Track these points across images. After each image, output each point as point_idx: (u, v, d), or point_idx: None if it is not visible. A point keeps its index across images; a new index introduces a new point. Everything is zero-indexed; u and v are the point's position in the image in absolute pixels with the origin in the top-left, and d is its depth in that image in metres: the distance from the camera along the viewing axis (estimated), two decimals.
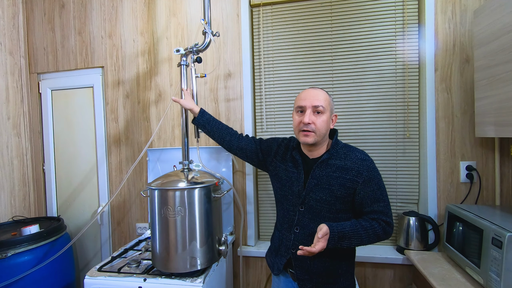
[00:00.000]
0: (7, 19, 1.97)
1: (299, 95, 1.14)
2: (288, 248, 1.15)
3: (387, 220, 1.06)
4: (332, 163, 1.10)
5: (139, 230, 1.92)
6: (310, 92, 1.11)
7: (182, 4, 1.83)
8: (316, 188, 1.10)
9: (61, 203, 2.10)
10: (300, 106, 1.10)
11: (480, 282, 1.09)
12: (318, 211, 1.09)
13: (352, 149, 1.13)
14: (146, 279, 1.23)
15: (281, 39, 1.76)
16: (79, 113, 2.04)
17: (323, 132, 1.09)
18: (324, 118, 1.08)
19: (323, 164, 1.11)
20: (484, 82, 1.27)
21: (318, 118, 1.08)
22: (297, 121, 1.11)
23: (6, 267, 1.45)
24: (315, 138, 1.08)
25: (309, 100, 1.08)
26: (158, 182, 1.30)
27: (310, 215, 1.11)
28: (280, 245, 1.20)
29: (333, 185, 1.08)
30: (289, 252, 1.15)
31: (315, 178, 1.10)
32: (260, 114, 1.81)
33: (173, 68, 1.85)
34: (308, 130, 1.07)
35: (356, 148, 1.14)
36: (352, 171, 1.07)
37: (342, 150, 1.13)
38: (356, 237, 1.03)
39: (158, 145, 1.88)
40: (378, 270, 1.62)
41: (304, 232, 1.12)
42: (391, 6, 1.62)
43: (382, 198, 1.08)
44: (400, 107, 1.63)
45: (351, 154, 1.11)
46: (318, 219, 1.09)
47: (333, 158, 1.11)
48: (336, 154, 1.12)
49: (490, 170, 1.48)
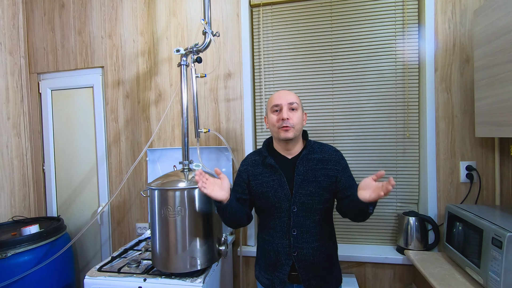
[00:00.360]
0: (7, 19, 1.97)
1: (272, 97, 1.20)
2: (289, 254, 1.13)
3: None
4: (312, 157, 1.18)
5: (139, 230, 1.92)
6: (282, 92, 1.19)
7: (182, 4, 1.83)
8: (303, 183, 1.14)
9: (61, 203, 2.10)
10: (276, 104, 1.15)
11: (480, 282, 1.09)
12: (310, 205, 1.14)
13: (322, 143, 1.24)
14: (146, 279, 1.23)
15: (281, 39, 1.76)
16: (79, 113, 2.04)
17: (299, 127, 1.16)
18: (299, 114, 1.16)
19: (304, 160, 1.17)
20: (484, 82, 1.27)
21: (294, 114, 1.14)
22: (274, 119, 1.16)
23: (6, 267, 1.45)
24: (294, 133, 1.14)
25: (284, 98, 1.15)
26: (158, 182, 1.29)
27: (304, 212, 1.14)
28: (277, 257, 1.16)
29: (319, 177, 1.14)
30: (290, 257, 1.13)
31: (300, 174, 1.15)
32: (260, 114, 1.81)
33: (173, 68, 1.85)
34: (287, 125, 1.12)
35: (324, 143, 1.25)
36: (331, 161, 1.17)
37: (316, 145, 1.22)
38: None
39: (158, 145, 1.88)
40: (378, 270, 1.62)
41: (302, 231, 1.13)
42: (391, 6, 1.62)
43: (354, 183, 1.17)
44: (400, 107, 1.63)
45: (324, 147, 1.21)
46: (311, 214, 1.14)
47: (311, 153, 1.19)
48: (312, 149, 1.20)
49: (490, 170, 1.48)
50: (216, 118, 1.80)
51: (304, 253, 1.12)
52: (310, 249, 1.13)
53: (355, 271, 1.64)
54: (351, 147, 1.68)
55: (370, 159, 1.66)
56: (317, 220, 1.14)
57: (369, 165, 1.67)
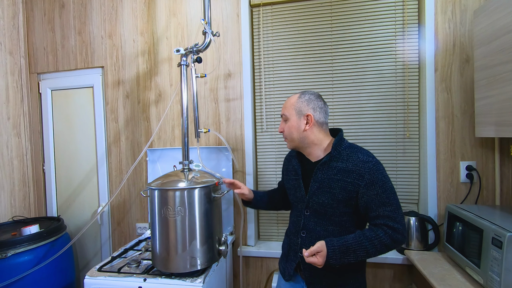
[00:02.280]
0: (7, 19, 1.97)
1: None
2: (296, 252, 1.15)
3: (394, 226, 0.96)
4: (334, 165, 1.06)
5: (139, 230, 1.92)
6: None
7: (182, 4, 1.83)
8: (318, 191, 1.08)
9: (61, 203, 2.10)
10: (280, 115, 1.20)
11: (480, 282, 1.09)
12: (323, 214, 1.08)
13: (356, 150, 1.07)
14: (146, 279, 1.23)
15: (281, 39, 1.76)
16: (79, 113, 2.04)
17: (293, 136, 1.13)
18: (290, 123, 1.13)
19: (325, 167, 1.08)
20: (484, 82, 1.27)
21: (286, 125, 1.15)
22: None
23: (6, 267, 1.45)
24: (290, 144, 1.16)
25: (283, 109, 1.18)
26: (158, 182, 1.30)
27: (316, 219, 1.10)
28: (289, 251, 1.21)
29: (334, 188, 1.04)
30: (297, 256, 1.15)
31: (317, 182, 1.08)
32: (260, 114, 1.81)
33: (173, 68, 1.85)
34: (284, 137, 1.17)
35: (361, 149, 1.08)
36: (353, 173, 1.02)
37: (345, 151, 1.07)
38: (361, 250, 0.96)
39: (158, 145, 1.88)
40: (378, 270, 1.62)
41: (311, 235, 1.11)
42: (391, 6, 1.62)
43: (388, 202, 0.99)
44: (400, 107, 1.63)
45: (353, 155, 1.05)
46: (324, 222, 1.09)
47: (334, 160, 1.07)
48: (338, 155, 1.07)
49: (490, 170, 1.48)
50: (216, 118, 1.80)
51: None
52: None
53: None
54: None
55: None
56: (330, 230, 1.07)
57: None
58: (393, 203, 1.00)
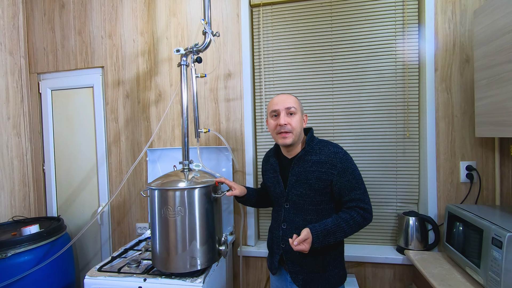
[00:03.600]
0: (7, 19, 1.97)
1: (271, 101, 1.23)
2: (278, 244, 1.23)
3: (365, 207, 1.12)
4: (308, 158, 1.18)
5: (139, 230, 1.92)
6: (281, 97, 1.20)
7: (182, 4, 1.83)
8: (296, 184, 1.18)
9: (61, 203, 2.10)
10: (274, 110, 1.19)
11: (480, 282, 1.09)
12: (301, 205, 1.18)
13: (326, 144, 1.20)
14: (146, 279, 1.23)
15: (281, 39, 1.76)
16: (79, 113, 2.04)
17: (298, 131, 1.18)
18: (297, 118, 1.18)
19: (300, 161, 1.19)
20: (484, 82, 1.27)
21: (292, 119, 1.17)
22: (273, 124, 1.20)
23: (6, 267, 1.45)
24: (293, 138, 1.17)
25: (282, 103, 1.18)
26: (158, 182, 1.30)
27: (295, 210, 1.19)
28: (272, 244, 1.29)
29: (311, 179, 1.15)
30: (279, 248, 1.22)
31: (294, 175, 1.18)
32: (260, 114, 1.81)
33: (173, 68, 1.85)
34: (285, 131, 1.15)
35: (330, 143, 1.22)
36: (326, 164, 1.15)
37: (317, 145, 1.20)
38: (340, 231, 1.09)
39: (158, 145, 1.88)
40: (378, 270, 1.62)
41: (291, 226, 1.20)
42: (391, 6, 1.62)
43: (358, 186, 1.14)
44: (400, 107, 1.63)
45: (325, 148, 1.18)
46: (302, 213, 1.18)
47: (308, 154, 1.19)
48: (311, 150, 1.19)
49: (490, 170, 1.48)
50: (216, 118, 1.80)
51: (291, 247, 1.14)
52: None
53: (355, 271, 1.64)
54: (351, 147, 1.68)
55: (370, 159, 1.66)
56: (308, 219, 1.17)
57: (369, 165, 1.67)
58: (361, 187, 1.15)
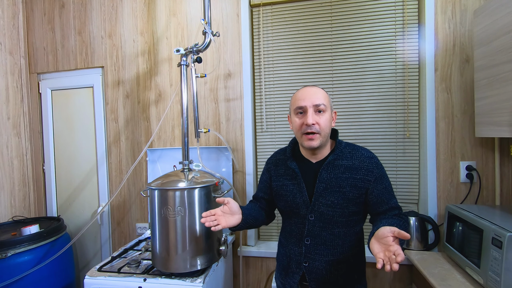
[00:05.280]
0: (7, 19, 1.97)
1: (296, 95, 1.05)
2: (300, 263, 1.07)
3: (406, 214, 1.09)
4: (339, 163, 1.03)
5: (139, 230, 1.92)
6: (309, 91, 1.02)
7: (182, 4, 1.83)
8: (325, 192, 1.02)
9: (61, 203, 2.10)
10: (300, 106, 1.01)
11: (480, 282, 1.09)
12: (330, 216, 1.02)
13: (356, 148, 1.08)
14: (146, 279, 1.23)
15: (281, 39, 1.76)
16: (79, 113, 2.04)
17: (327, 132, 1.02)
18: (327, 116, 1.01)
19: (330, 166, 1.03)
20: (484, 82, 1.27)
21: (321, 118, 1.00)
22: (298, 123, 1.02)
23: (6, 267, 1.45)
24: (320, 140, 1.00)
25: (309, 99, 1.00)
26: (158, 182, 1.29)
27: (321, 223, 1.03)
28: (289, 263, 1.11)
29: (344, 187, 1.01)
30: (301, 267, 1.06)
31: (323, 182, 1.03)
32: (260, 114, 1.81)
33: (173, 68, 1.85)
34: (312, 132, 0.99)
35: (359, 146, 1.09)
36: (361, 170, 1.02)
37: (346, 149, 1.07)
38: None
39: (158, 145, 1.88)
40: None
41: (316, 242, 1.04)
42: (391, 6, 1.62)
43: (393, 194, 1.05)
44: (400, 107, 1.63)
45: (356, 152, 1.05)
46: (330, 226, 1.03)
47: (339, 158, 1.04)
48: (341, 154, 1.05)
49: (490, 170, 1.48)
50: (216, 118, 1.80)
51: (316, 266, 1.04)
52: (324, 263, 1.03)
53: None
54: None
55: None
56: (336, 233, 1.03)
57: None
58: (394, 195, 1.07)
